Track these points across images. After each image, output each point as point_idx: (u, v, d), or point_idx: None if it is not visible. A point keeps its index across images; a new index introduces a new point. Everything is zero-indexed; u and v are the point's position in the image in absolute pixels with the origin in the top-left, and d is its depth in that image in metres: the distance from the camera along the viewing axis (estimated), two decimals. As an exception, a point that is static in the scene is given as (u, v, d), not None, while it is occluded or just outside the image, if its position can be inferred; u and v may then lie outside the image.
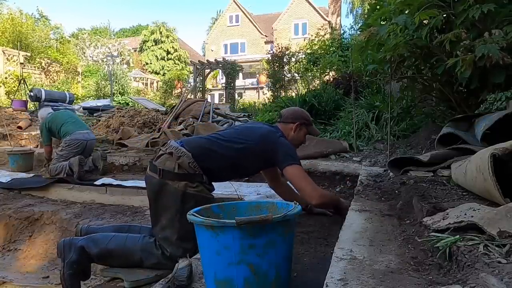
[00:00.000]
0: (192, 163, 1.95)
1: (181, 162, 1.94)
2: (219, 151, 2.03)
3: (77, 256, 1.95)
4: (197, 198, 1.92)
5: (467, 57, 2.36)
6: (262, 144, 2.07)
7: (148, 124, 7.05)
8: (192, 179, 1.95)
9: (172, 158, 1.97)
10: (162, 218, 1.98)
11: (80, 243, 1.98)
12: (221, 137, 2.10)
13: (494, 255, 1.04)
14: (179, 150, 1.97)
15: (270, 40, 29.43)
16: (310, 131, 2.39)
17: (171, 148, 2.01)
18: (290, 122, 2.29)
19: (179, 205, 1.91)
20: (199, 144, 2.06)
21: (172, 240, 1.93)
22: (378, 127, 4.78)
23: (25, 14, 21.82)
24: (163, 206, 1.98)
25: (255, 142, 2.07)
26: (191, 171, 1.95)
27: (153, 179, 2.00)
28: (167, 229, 1.95)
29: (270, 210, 1.50)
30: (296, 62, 12.54)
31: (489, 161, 1.53)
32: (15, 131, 7.36)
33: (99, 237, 2.05)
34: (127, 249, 1.97)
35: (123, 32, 42.20)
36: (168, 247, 1.94)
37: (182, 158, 1.95)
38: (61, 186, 4.07)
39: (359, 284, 1.08)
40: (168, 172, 1.95)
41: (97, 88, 18.70)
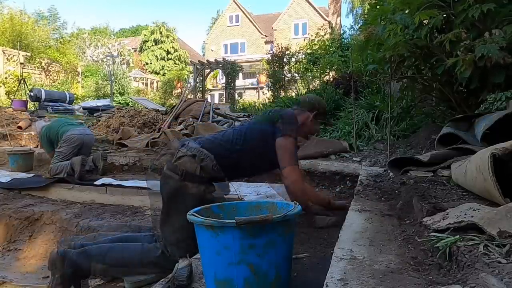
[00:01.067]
0: (215, 165, 1.91)
1: (204, 165, 1.89)
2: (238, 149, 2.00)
3: (70, 271, 1.89)
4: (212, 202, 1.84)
5: (467, 57, 2.36)
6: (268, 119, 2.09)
7: (148, 124, 7.04)
8: (211, 183, 1.93)
9: (195, 160, 1.90)
10: (174, 220, 1.91)
11: (74, 257, 1.91)
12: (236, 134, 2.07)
13: (494, 255, 1.04)
14: (201, 152, 1.92)
15: (270, 40, 29.44)
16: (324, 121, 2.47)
17: (194, 150, 1.94)
18: (308, 110, 2.27)
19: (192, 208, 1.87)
20: (217, 145, 2.01)
21: (173, 239, 1.90)
22: (378, 127, 4.78)
23: (27, 15, 21.82)
24: (177, 208, 1.89)
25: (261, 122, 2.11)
26: (214, 174, 1.91)
27: (171, 179, 1.93)
28: (178, 232, 1.89)
29: (270, 210, 1.50)
30: (296, 62, 12.55)
31: (489, 161, 1.53)
32: (15, 131, 7.36)
33: (94, 252, 1.98)
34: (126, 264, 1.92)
35: (123, 32, 42.19)
36: (168, 246, 1.90)
37: (206, 161, 1.90)
38: (61, 186, 4.06)
39: (359, 284, 1.08)
40: (189, 174, 1.89)
41: (97, 88, 18.70)
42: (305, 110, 2.26)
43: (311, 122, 2.25)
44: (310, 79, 10.16)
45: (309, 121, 2.24)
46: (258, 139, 2.04)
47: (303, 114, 2.25)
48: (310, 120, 2.25)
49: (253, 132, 2.07)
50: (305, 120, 2.23)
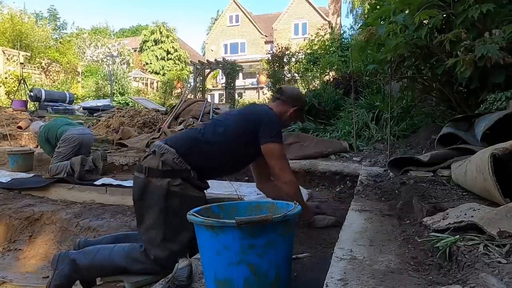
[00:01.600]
0: (177, 158, 1.90)
1: (165, 159, 1.90)
2: (204, 141, 1.97)
3: (68, 268, 1.94)
4: (182, 196, 1.88)
5: (467, 57, 2.35)
6: (245, 120, 2.02)
7: (148, 124, 7.05)
8: (176, 176, 1.90)
9: (156, 156, 1.93)
10: (146, 218, 1.92)
11: (73, 256, 1.98)
12: (205, 128, 2.05)
13: (494, 255, 1.04)
14: (162, 147, 1.94)
15: (270, 40, 29.43)
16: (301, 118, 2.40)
17: (155, 146, 1.99)
18: (288, 104, 2.20)
19: (163, 204, 1.87)
20: (183, 139, 2.02)
21: (157, 241, 1.88)
22: (378, 127, 4.78)
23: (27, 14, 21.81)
24: (147, 206, 1.92)
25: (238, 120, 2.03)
26: (176, 167, 1.90)
27: (138, 179, 1.96)
28: (152, 230, 1.89)
29: (270, 210, 1.50)
30: (296, 62, 12.55)
31: (489, 161, 1.53)
32: (15, 131, 7.36)
33: (89, 249, 2.02)
34: (112, 260, 1.93)
35: (123, 32, 42.19)
36: (152, 249, 1.88)
37: (166, 155, 1.90)
38: (61, 186, 4.06)
39: (359, 284, 1.08)
40: (152, 169, 1.91)
41: (97, 88, 18.70)
42: (286, 103, 2.20)
43: (288, 116, 2.20)
44: (310, 79, 10.16)
45: (287, 115, 2.19)
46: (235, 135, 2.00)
47: (282, 106, 2.19)
48: (288, 114, 2.19)
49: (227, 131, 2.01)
50: (283, 114, 2.17)
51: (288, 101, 2.20)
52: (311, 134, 5.03)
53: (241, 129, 2.01)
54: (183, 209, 1.83)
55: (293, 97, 2.24)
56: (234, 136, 2.00)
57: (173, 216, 1.88)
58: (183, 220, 1.85)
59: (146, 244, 1.90)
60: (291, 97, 2.23)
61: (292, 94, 2.26)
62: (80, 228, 3.17)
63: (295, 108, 2.20)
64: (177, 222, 1.87)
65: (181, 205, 1.86)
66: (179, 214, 1.84)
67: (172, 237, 1.88)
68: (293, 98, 2.23)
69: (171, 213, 1.88)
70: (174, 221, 1.88)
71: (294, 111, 2.20)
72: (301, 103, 2.28)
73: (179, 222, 1.87)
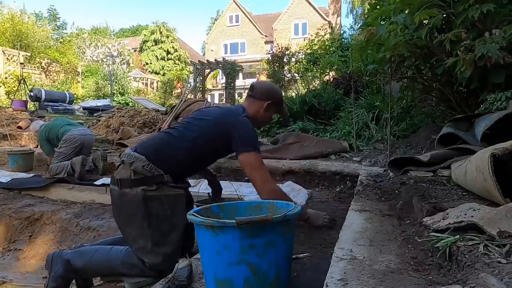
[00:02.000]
0: (147, 165, 1.84)
1: (135, 168, 1.84)
2: (174, 146, 1.91)
3: (63, 269, 1.90)
4: (160, 198, 1.84)
5: (467, 57, 2.35)
6: (217, 127, 1.93)
7: (148, 124, 7.05)
8: (150, 182, 1.84)
9: (125, 165, 1.88)
10: (130, 230, 1.88)
11: (67, 256, 1.94)
12: (175, 131, 1.98)
13: (494, 255, 1.04)
14: (130, 156, 1.88)
15: (270, 40, 29.44)
16: (281, 112, 2.26)
17: (124, 156, 1.94)
18: (261, 99, 2.09)
19: (143, 211, 1.82)
20: (152, 144, 1.96)
21: (148, 248, 1.83)
22: (378, 127, 4.78)
23: (27, 14, 21.81)
24: (127, 217, 1.87)
25: (210, 127, 1.94)
26: (147, 173, 1.84)
27: (113, 191, 1.93)
28: (139, 239, 1.85)
29: (270, 210, 1.49)
30: (296, 62, 12.54)
31: (489, 161, 1.53)
32: (15, 131, 7.36)
33: (85, 250, 1.99)
34: (108, 263, 1.90)
35: (123, 32, 42.21)
36: (145, 256, 1.84)
37: (136, 163, 1.85)
38: (61, 186, 4.06)
39: (359, 284, 1.08)
40: (124, 180, 1.86)
41: (97, 88, 18.71)
42: (258, 100, 2.09)
43: (264, 112, 2.09)
44: (310, 79, 10.16)
45: (262, 111, 2.09)
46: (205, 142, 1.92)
47: (255, 103, 2.09)
48: (263, 110, 2.08)
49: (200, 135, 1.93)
50: (257, 111, 2.08)
51: (261, 97, 2.09)
52: (311, 134, 5.03)
53: (212, 136, 1.93)
54: (166, 210, 1.85)
55: (264, 91, 2.13)
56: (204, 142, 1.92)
57: (157, 220, 1.84)
58: (168, 222, 1.85)
59: (138, 254, 1.86)
60: (262, 92, 2.12)
61: (262, 89, 2.15)
62: (80, 228, 3.17)
63: (268, 102, 2.08)
64: (163, 225, 1.85)
65: (162, 207, 1.84)
66: (163, 216, 1.85)
67: (161, 241, 1.84)
68: (264, 93, 2.12)
69: (154, 218, 1.84)
70: (159, 224, 1.84)
71: (268, 106, 2.08)
72: (275, 96, 2.14)
73: (164, 224, 1.85)
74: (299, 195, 2.99)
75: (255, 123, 2.07)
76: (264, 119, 2.15)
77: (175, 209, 1.86)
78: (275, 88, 2.25)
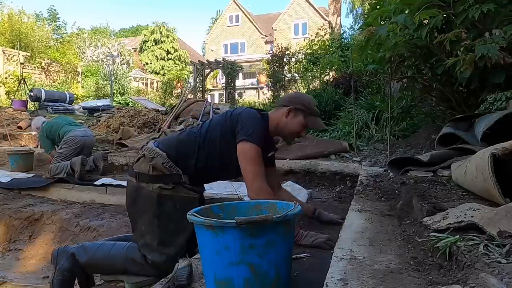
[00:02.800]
0: (167, 163, 1.84)
1: (154, 164, 1.84)
2: (194, 145, 1.88)
3: (68, 263, 1.93)
4: (174, 199, 1.84)
5: (467, 57, 2.35)
6: (229, 120, 1.86)
7: (148, 124, 7.05)
8: (167, 181, 1.84)
9: (146, 160, 1.87)
10: (140, 224, 1.88)
11: (72, 250, 1.97)
12: (196, 131, 1.96)
13: (494, 255, 1.04)
14: (152, 151, 1.87)
15: (270, 40, 29.44)
16: (308, 121, 1.96)
17: (146, 150, 1.92)
18: (283, 106, 1.96)
19: (156, 208, 1.83)
20: (174, 142, 1.95)
21: (153, 246, 1.84)
22: (378, 127, 4.78)
23: (27, 14, 21.81)
24: (139, 211, 1.88)
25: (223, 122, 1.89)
26: (166, 171, 1.84)
27: (130, 183, 1.93)
28: (147, 235, 1.86)
29: (270, 210, 1.49)
30: (296, 62, 12.54)
31: (489, 161, 1.53)
32: (15, 131, 7.36)
33: (89, 245, 2.02)
34: (111, 258, 1.92)
35: (123, 32, 42.22)
36: (149, 254, 1.85)
37: (156, 159, 1.84)
38: (61, 186, 4.07)
39: (359, 284, 1.08)
40: (143, 174, 1.86)
41: (97, 88, 18.72)
42: (281, 106, 1.96)
43: (286, 119, 1.92)
44: (310, 79, 10.15)
45: (284, 118, 1.92)
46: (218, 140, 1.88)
47: (278, 111, 1.96)
48: (285, 116, 1.92)
49: (214, 133, 1.90)
50: (279, 118, 1.93)
51: (283, 104, 1.98)
52: (311, 134, 5.03)
53: (222, 130, 1.88)
54: (177, 212, 1.83)
55: (287, 98, 2.04)
56: (216, 138, 1.88)
57: (167, 220, 1.84)
58: (177, 223, 1.84)
59: (142, 250, 1.87)
60: (285, 99, 2.04)
61: (287, 96, 2.09)
62: (80, 228, 3.17)
63: (290, 107, 1.92)
64: (172, 226, 1.85)
65: (175, 208, 1.84)
66: (173, 217, 1.85)
67: (167, 241, 1.85)
68: (287, 99, 2.01)
69: (164, 217, 1.84)
70: (169, 225, 1.85)
71: (289, 111, 1.92)
72: (298, 102, 1.95)
73: (173, 225, 1.85)
74: (299, 195, 2.99)
75: (278, 132, 1.97)
76: (288, 128, 1.94)
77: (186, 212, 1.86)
78: (301, 95, 2.15)
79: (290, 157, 3.98)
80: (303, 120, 1.93)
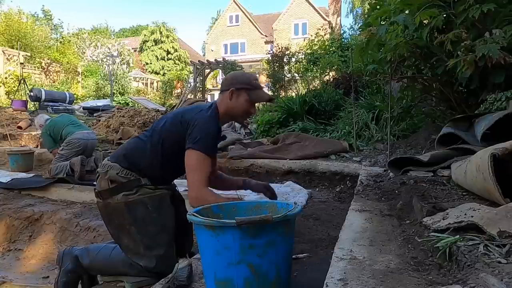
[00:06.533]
0: (121, 171, 1.83)
1: (110, 176, 1.84)
2: (143, 150, 1.87)
3: (72, 265, 1.95)
4: (143, 201, 1.82)
5: (467, 57, 2.35)
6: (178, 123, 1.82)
7: (148, 124, 7.04)
8: (128, 187, 1.83)
9: (101, 176, 1.88)
10: (122, 238, 1.88)
11: (76, 252, 1.99)
12: (144, 135, 1.95)
13: (494, 255, 1.04)
14: (104, 165, 1.89)
15: (270, 40, 29.43)
16: (253, 96, 1.90)
17: (100, 167, 1.94)
18: (225, 90, 1.90)
19: (128, 217, 1.82)
20: (121, 151, 1.95)
21: (141, 252, 1.84)
22: (378, 127, 4.78)
23: (26, 14, 21.81)
24: (117, 226, 1.88)
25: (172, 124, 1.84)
26: (124, 179, 1.83)
27: (98, 204, 1.93)
28: (131, 245, 1.85)
29: (270, 210, 1.49)
30: (296, 62, 12.55)
31: (489, 161, 1.53)
32: (15, 131, 7.37)
33: (92, 247, 2.05)
34: (111, 261, 1.93)
35: (123, 32, 42.24)
36: (140, 261, 1.84)
37: (110, 171, 1.84)
38: (61, 186, 4.06)
39: (359, 284, 1.08)
40: (104, 191, 1.86)
41: (97, 88, 18.72)
42: (224, 91, 1.91)
43: (232, 102, 1.88)
44: (310, 79, 10.16)
45: (229, 102, 1.88)
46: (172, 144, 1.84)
47: (222, 96, 1.91)
48: (229, 100, 1.88)
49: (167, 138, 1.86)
50: (225, 103, 1.89)
51: (224, 88, 1.91)
52: (311, 134, 5.03)
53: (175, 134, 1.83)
54: (151, 213, 1.84)
55: (225, 81, 1.96)
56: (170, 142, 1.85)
57: (143, 223, 1.83)
58: (155, 223, 1.84)
59: (133, 260, 1.86)
60: (224, 83, 1.95)
61: (225, 80, 1.98)
62: (80, 228, 3.17)
63: (231, 89, 1.86)
64: (151, 228, 1.84)
65: (147, 210, 1.84)
66: (149, 219, 1.84)
67: (152, 244, 1.84)
68: (226, 82, 1.94)
69: (140, 221, 1.83)
70: (147, 227, 1.84)
71: (231, 93, 1.86)
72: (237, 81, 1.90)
73: (152, 226, 1.84)
74: (299, 195, 2.99)
75: (229, 117, 1.96)
76: (236, 110, 1.90)
77: (161, 210, 1.86)
78: (237, 73, 2.05)
79: (290, 157, 3.98)
80: (247, 97, 1.89)
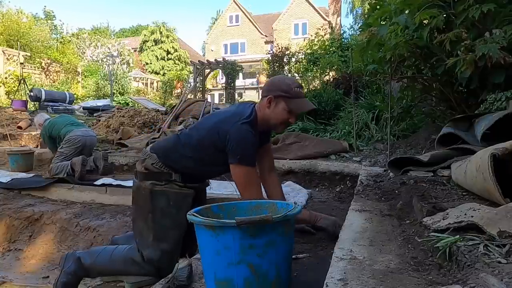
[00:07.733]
0: (157, 163, 1.94)
1: (145, 164, 1.97)
2: (179, 150, 1.94)
3: (74, 266, 2.00)
4: (167, 194, 1.92)
5: (467, 57, 2.35)
6: (215, 133, 1.79)
7: (148, 124, 7.05)
8: (159, 178, 1.93)
9: (140, 162, 2.02)
10: (138, 221, 1.99)
11: (79, 254, 2.05)
12: (184, 135, 2.00)
13: (494, 255, 1.04)
14: (144, 152, 2.03)
15: (270, 40, 29.44)
16: (292, 106, 1.80)
17: (142, 152, 2.08)
18: (264, 96, 1.84)
19: (149, 204, 1.91)
20: (162, 145, 2.05)
21: (149, 241, 1.91)
22: (378, 127, 4.78)
23: (26, 14, 21.81)
24: (138, 208, 2.00)
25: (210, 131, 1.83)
26: (156, 171, 1.95)
27: (133, 183, 2.05)
28: (143, 231, 1.94)
29: (270, 210, 1.50)
30: (296, 62, 12.55)
31: (489, 161, 1.53)
32: (15, 131, 7.36)
33: (94, 249, 2.12)
34: (112, 261, 1.99)
35: (123, 32, 42.23)
36: (145, 250, 1.91)
37: (147, 160, 1.97)
38: (61, 186, 4.06)
39: (359, 284, 1.08)
40: (139, 173, 1.99)
41: (97, 88, 18.71)
42: (263, 98, 1.86)
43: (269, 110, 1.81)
44: (310, 79, 10.15)
45: (266, 109, 1.82)
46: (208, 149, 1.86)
47: (261, 102, 1.86)
48: (266, 107, 1.82)
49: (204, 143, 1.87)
50: (263, 110, 1.84)
51: (264, 94, 1.86)
52: (311, 134, 5.03)
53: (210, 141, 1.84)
54: (171, 208, 1.90)
55: (265, 87, 1.89)
56: (204, 147, 1.87)
57: (161, 215, 1.91)
58: (172, 218, 1.90)
59: (139, 246, 1.94)
60: (264, 89, 1.89)
61: (265, 85, 1.92)
62: (80, 228, 3.17)
63: (269, 97, 1.80)
64: (166, 221, 1.91)
65: (168, 203, 1.91)
66: (167, 213, 1.91)
67: (162, 236, 1.91)
68: (265, 88, 1.88)
69: (158, 212, 1.92)
70: (163, 220, 1.91)
71: (269, 101, 1.80)
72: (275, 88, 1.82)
73: (168, 221, 1.91)
74: (299, 195, 2.99)
75: (266, 125, 1.88)
76: (273, 119, 1.84)
77: (181, 208, 1.89)
78: (276, 79, 1.95)
79: (290, 157, 3.98)
80: (286, 107, 1.80)
